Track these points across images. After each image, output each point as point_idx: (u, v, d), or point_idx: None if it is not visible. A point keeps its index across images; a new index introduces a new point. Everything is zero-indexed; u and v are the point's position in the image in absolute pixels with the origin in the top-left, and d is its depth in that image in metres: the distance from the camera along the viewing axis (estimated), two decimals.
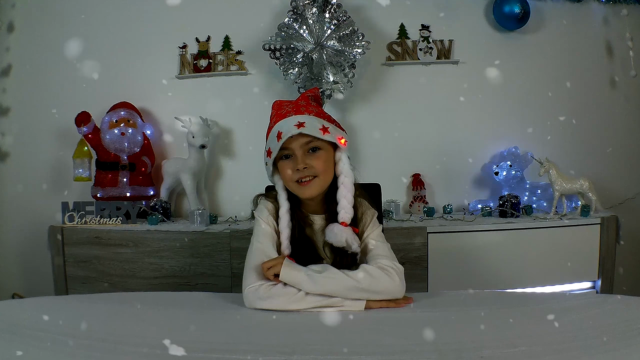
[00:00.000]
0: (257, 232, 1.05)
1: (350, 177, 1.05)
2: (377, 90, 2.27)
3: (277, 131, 1.02)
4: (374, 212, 1.12)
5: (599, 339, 0.74)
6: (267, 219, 1.07)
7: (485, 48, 2.27)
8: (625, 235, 1.95)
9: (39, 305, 1.00)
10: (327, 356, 0.70)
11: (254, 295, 0.93)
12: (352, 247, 0.99)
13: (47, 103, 2.24)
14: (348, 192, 1.03)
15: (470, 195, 2.27)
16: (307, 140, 1.01)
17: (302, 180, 1.02)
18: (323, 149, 1.04)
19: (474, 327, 0.84)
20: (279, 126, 1.03)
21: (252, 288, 0.94)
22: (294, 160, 1.02)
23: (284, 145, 1.01)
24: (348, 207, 1.02)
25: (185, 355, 0.71)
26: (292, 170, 1.02)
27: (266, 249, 1.01)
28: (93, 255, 1.86)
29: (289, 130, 1.00)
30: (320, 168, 1.02)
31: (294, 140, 1.01)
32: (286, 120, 1.03)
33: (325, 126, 1.02)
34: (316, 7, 2.03)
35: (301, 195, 1.04)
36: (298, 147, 1.02)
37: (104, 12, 2.25)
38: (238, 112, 2.26)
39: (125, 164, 2.08)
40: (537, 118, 2.27)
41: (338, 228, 0.99)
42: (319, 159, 1.02)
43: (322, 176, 1.03)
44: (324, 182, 1.04)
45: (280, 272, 0.93)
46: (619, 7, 2.29)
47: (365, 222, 1.09)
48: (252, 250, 1.02)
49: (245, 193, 1.31)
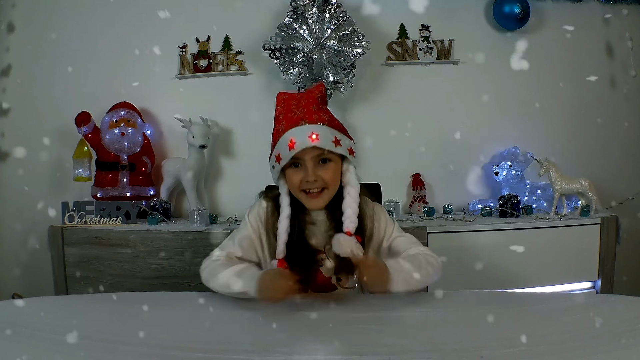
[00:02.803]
0: (238, 234, 1.12)
1: (357, 188, 1.05)
2: (377, 90, 2.27)
3: (290, 139, 1.01)
4: (380, 208, 1.14)
5: (599, 339, 0.74)
6: (255, 223, 1.10)
7: (485, 48, 2.27)
8: (625, 235, 1.96)
9: (39, 305, 1.00)
10: (327, 356, 0.70)
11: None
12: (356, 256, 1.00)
13: (47, 103, 2.24)
14: (354, 203, 1.04)
15: (470, 195, 2.27)
16: (319, 152, 1.02)
17: (311, 192, 1.03)
18: (333, 160, 1.04)
19: (474, 327, 0.84)
20: (292, 133, 1.01)
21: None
22: (304, 170, 1.02)
23: (295, 155, 1.01)
24: (353, 217, 1.03)
25: (185, 355, 0.71)
26: (301, 180, 1.03)
27: (234, 251, 1.09)
28: (93, 255, 1.85)
29: (303, 142, 0.99)
30: (330, 180, 1.03)
31: (305, 152, 1.01)
32: (300, 129, 1.01)
33: (337, 138, 1.03)
34: (316, 7, 2.03)
35: (308, 206, 1.06)
36: (309, 159, 1.02)
37: (104, 12, 2.24)
38: (238, 112, 2.26)
39: (125, 164, 2.08)
40: (537, 118, 2.27)
41: (344, 238, 0.99)
42: (329, 171, 1.03)
43: (331, 188, 1.04)
44: (332, 194, 1.06)
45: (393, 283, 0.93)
46: (619, 7, 2.29)
47: (379, 227, 1.11)
48: (228, 238, 1.13)
49: (245, 193, 1.31)
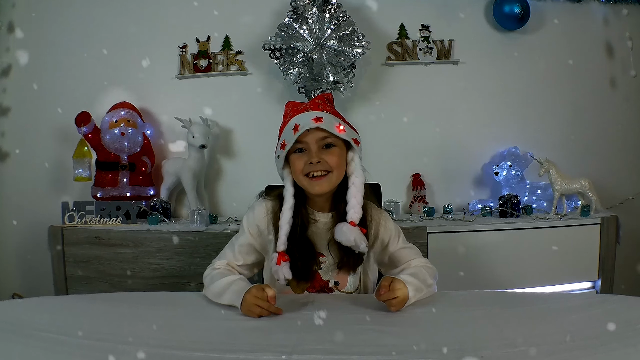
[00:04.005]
0: (237, 241, 1.13)
1: (361, 178, 1.06)
2: (377, 90, 2.27)
3: (294, 124, 1.03)
4: (387, 215, 1.15)
5: (599, 339, 0.74)
6: (253, 228, 1.11)
7: (485, 48, 2.27)
8: (625, 235, 1.95)
9: (39, 305, 1.00)
10: (327, 356, 0.70)
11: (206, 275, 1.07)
12: (359, 247, 1.00)
13: (47, 103, 2.24)
14: (358, 192, 1.04)
15: (470, 195, 2.27)
16: (323, 135, 1.03)
17: (314, 175, 1.03)
18: (337, 146, 1.05)
19: (474, 327, 0.84)
20: (297, 119, 1.04)
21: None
22: (308, 154, 1.03)
23: (299, 139, 1.02)
24: (357, 207, 1.02)
25: (185, 355, 0.71)
26: (304, 163, 1.03)
27: (234, 259, 1.11)
28: (93, 255, 1.86)
29: (307, 123, 1.01)
30: (334, 164, 1.03)
31: (309, 135, 1.02)
32: (304, 115, 1.05)
33: (341, 125, 1.05)
34: (316, 7, 2.03)
35: (311, 190, 1.04)
36: (313, 142, 1.03)
37: (104, 12, 2.24)
38: (238, 112, 2.26)
39: (125, 164, 2.08)
40: (537, 118, 2.27)
41: (347, 227, 1.00)
42: (333, 155, 1.03)
43: (335, 172, 1.04)
44: (336, 179, 1.05)
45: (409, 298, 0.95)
46: (619, 7, 2.29)
47: (385, 232, 1.12)
48: (228, 246, 1.15)
49: (245, 193, 1.30)
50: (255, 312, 0.90)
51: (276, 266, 1.01)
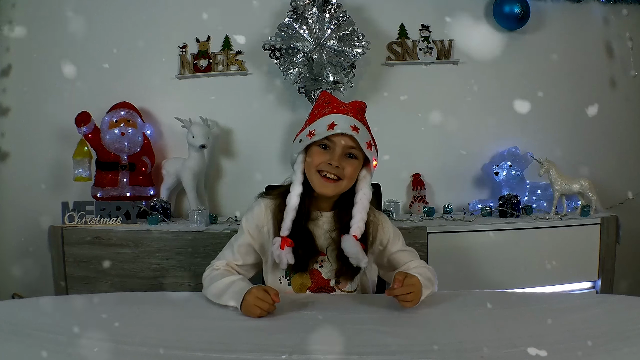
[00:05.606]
0: (236, 241, 1.12)
1: (368, 197, 1.08)
2: (377, 90, 2.27)
3: (332, 121, 1.05)
4: (385, 217, 1.17)
5: (599, 339, 0.74)
6: (253, 228, 1.11)
7: (485, 48, 2.27)
8: (625, 235, 1.95)
9: (39, 305, 1.00)
10: (327, 356, 0.70)
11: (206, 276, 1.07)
12: (360, 262, 1.02)
13: (47, 103, 2.24)
14: (363, 210, 1.06)
15: (470, 195, 2.27)
16: (352, 145, 1.05)
17: (327, 176, 1.04)
18: (358, 159, 1.08)
19: (474, 327, 0.84)
20: (335, 118, 1.06)
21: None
22: (331, 154, 1.05)
23: (331, 137, 1.04)
24: (361, 224, 1.04)
25: (185, 355, 0.71)
26: (324, 160, 1.04)
27: (234, 259, 1.11)
28: (93, 255, 1.85)
29: (345, 128, 1.04)
30: (349, 174, 1.06)
31: (341, 138, 1.04)
32: (344, 117, 1.06)
33: (371, 143, 1.08)
34: (316, 7, 2.03)
35: (319, 189, 1.06)
36: (341, 146, 1.05)
37: (103, 11, 2.24)
38: (238, 112, 2.26)
39: (125, 164, 2.08)
40: (537, 118, 2.26)
41: (353, 241, 1.02)
42: (351, 166, 1.06)
43: (345, 181, 1.06)
44: (344, 188, 1.07)
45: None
46: (619, 7, 2.29)
47: (383, 234, 1.13)
48: (227, 246, 1.14)
49: (245, 193, 1.30)
50: (256, 312, 0.90)
51: (279, 250, 1.02)
